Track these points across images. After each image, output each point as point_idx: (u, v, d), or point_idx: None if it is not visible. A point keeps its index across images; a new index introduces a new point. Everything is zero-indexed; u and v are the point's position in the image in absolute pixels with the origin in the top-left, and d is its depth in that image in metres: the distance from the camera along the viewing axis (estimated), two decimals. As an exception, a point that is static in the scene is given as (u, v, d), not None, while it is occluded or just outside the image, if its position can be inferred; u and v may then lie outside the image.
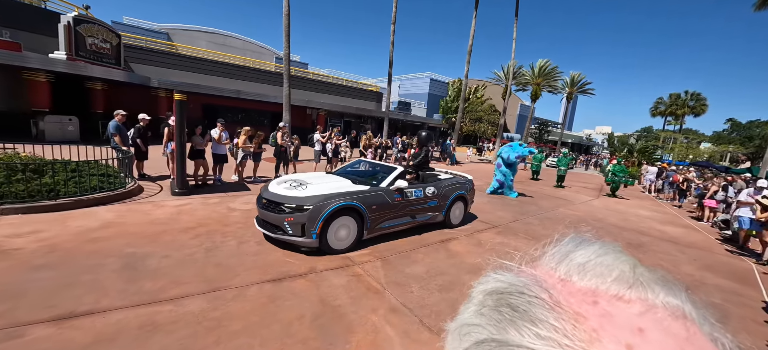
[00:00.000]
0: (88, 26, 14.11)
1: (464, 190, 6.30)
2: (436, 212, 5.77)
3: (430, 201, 5.59)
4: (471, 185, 6.58)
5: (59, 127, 12.47)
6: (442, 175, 6.62)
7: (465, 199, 6.33)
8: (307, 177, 5.21)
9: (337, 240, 4.40)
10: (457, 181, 6.28)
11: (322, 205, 4.23)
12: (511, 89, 25.71)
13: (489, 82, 35.00)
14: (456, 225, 6.21)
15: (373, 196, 4.76)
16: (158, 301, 2.99)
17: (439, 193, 5.77)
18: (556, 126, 57.33)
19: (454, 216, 6.14)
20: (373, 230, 4.81)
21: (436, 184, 5.80)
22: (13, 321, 2.55)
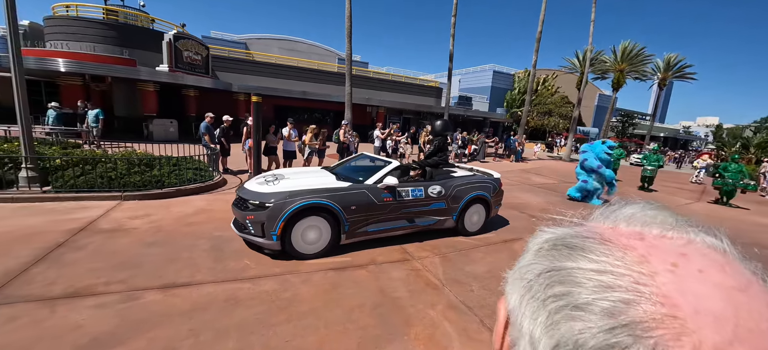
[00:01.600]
0: (184, 41, 16.38)
1: (485, 191, 5.28)
2: (444, 216, 4.93)
3: (434, 203, 4.78)
4: (497, 185, 5.53)
5: (163, 128, 14.76)
6: (458, 172, 5.68)
7: (487, 202, 5.30)
8: (293, 171, 4.92)
9: (305, 243, 3.90)
10: (475, 180, 5.28)
11: (283, 203, 3.76)
12: (588, 77, 23.14)
13: (561, 71, 31.99)
14: (473, 232, 5.24)
15: (351, 195, 4.16)
16: (240, 279, 3.37)
17: (448, 194, 4.90)
18: (645, 118, 50.10)
19: (470, 222, 5.21)
20: (354, 234, 4.20)
21: (444, 183, 4.93)
22: (133, 286, 3.11)
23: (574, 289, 0.27)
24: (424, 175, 5.23)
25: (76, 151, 7.54)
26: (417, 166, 5.35)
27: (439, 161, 5.61)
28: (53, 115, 10.91)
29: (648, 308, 0.23)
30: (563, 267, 0.29)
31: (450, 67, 17.74)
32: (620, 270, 0.26)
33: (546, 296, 0.28)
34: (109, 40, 15.98)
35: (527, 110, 21.58)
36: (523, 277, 0.32)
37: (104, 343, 2.37)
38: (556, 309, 0.27)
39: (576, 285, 0.27)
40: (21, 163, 5.62)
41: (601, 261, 0.27)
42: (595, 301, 0.25)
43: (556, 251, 0.30)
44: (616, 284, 0.25)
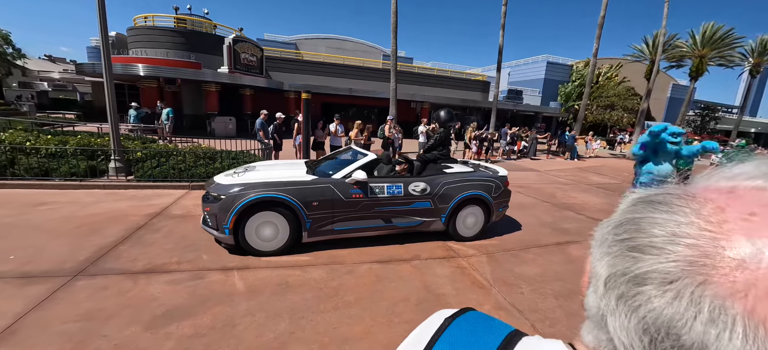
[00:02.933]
0: (242, 44, 17.61)
1: (484, 191, 4.56)
2: (431, 217, 4.39)
3: (417, 202, 4.27)
4: (500, 184, 4.75)
5: (223, 125, 16.07)
6: (457, 168, 4.98)
7: (486, 203, 4.61)
8: (269, 164, 4.65)
9: (260, 239, 3.70)
10: (471, 178, 4.61)
11: (236, 196, 3.59)
12: (659, 66, 20.65)
13: (626, 60, 28.97)
14: (469, 237, 4.62)
15: (313, 190, 3.84)
16: (290, 266, 3.56)
17: (435, 192, 4.34)
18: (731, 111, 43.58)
19: (464, 225, 4.58)
20: (317, 232, 3.91)
21: (430, 180, 4.38)
22: (199, 266, 3.43)
23: (637, 235, 0.28)
24: (411, 171, 4.74)
25: (153, 145, 8.51)
26: (403, 161, 4.83)
27: (439, 155, 5.16)
28: (134, 114, 12.41)
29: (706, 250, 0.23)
30: (634, 218, 0.30)
31: (499, 60, 16.95)
32: (690, 218, 0.26)
33: (613, 241, 0.30)
34: (179, 45, 17.74)
35: (585, 104, 19.88)
36: (601, 230, 0.34)
37: (176, 315, 2.65)
38: (618, 250, 0.29)
39: (640, 231, 0.28)
40: (110, 155, 6.49)
41: (674, 212, 0.27)
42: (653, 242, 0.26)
43: (636, 207, 0.31)
44: (681, 231, 0.25)
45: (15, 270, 3.15)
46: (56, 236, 3.95)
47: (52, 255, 3.49)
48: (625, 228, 0.30)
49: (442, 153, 5.18)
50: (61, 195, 5.55)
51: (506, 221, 5.63)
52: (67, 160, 6.28)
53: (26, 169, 6.00)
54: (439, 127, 5.39)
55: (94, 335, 2.37)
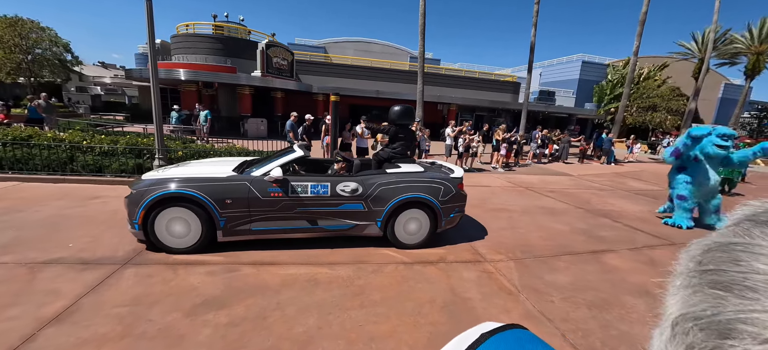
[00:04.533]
0: (274, 49, 18.29)
1: (428, 193, 4.17)
2: (364, 221, 4.08)
3: (346, 204, 3.98)
4: (451, 187, 4.33)
5: (256, 126, 16.76)
6: (407, 167, 4.52)
7: (431, 208, 4.19)
8: (206, 161, 4.64)
9: (171, 236, 3.62)
10: (412, 180, 4.20)
11: (144, 191, 3.54)
12: (709, 64, 19.10)
13: (671, 58, 27.11)
14: (411, 245, 4.23)
15: (227, 187, 3.69)
16: (319, 264, 3.66)
17: (368, 193, 4.02)
18: (794, 112, 39.40)
19: (404, 231, 4.19)
20: (233, 231, 3.75)
21: (363, 180, 4.06)
22: (235, 260, 3.61)
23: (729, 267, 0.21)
24: (350, 170, 4.41)
25: (192, 145, 9.04)
26: (341, 159, 4.52)
27: (393, 153, 4.85)
28: (175, 116, 13.25)
29: None
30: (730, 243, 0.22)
31: (530, 59, 16.43)
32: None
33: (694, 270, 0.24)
34: (217, 51, 18.72)
35: (624, 104, 18.78)
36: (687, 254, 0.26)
37: (213, 304, 2.81)
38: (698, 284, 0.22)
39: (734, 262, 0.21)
40: (155, 154, 6.97)
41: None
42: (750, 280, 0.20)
43: (739, 227, 0.24)
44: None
45: (73, 257, 3.48)
46: (108, 227, 4.31)
47: (105, 244, 3.81)
48: (713, 255, 0.23)
49: (396, 151, 4.89)
50: (111, 190, 6.05)
51: (535, 226, 5.45)
52: (117, 158, 6.83)
53: (83, 165, 6.60)
54: (389, 125, 5.07)
55: (141, 319, 2.58)
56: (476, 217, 5.74)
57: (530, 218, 5.95)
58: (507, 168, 11.64)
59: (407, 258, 3.97)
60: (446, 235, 4.68)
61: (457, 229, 4.93)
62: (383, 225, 4.13)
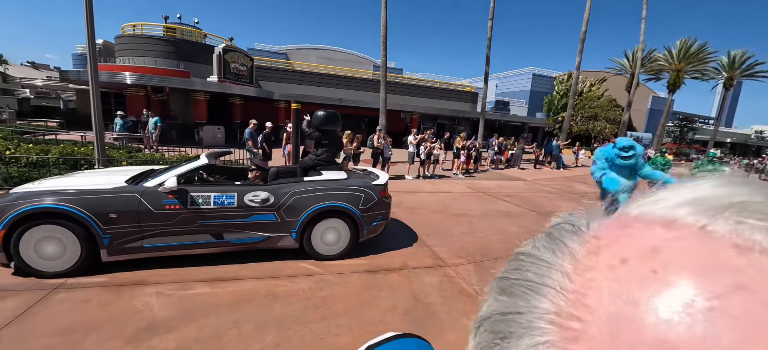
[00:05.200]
0: (232, 54, 17.59)
1: (348, 202, 4.03)
2: (277, 233, 3.83)
3: (256, 215, 3.71)
4: (372, 195, 4.20)
5: (212, 134, 15.92)
6: (327, 174, 4.38)
7: (351, 216, 4.05)
8: (102, 170, 4.33)
9: (41, 258, 3.15)
10: (329, 188, 4.06)
11: (5, 207, 3.06)
12: (639, 79, 21.45)
13: (609, 73, 30.05)
14: (331, 256, 4.04)
15: (111, 200, 3.27)
16: (278, 277, 3.54)
17: (281, 203, 3.79)
18: (708, 122, 45.39)
19: (322, 242, 3.99)
20: (120, 249, 3.34)
21: (275, 189, 3.84)
22: (185, 277, 3.38)
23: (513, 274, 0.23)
24: (265, 178, 4.22)
25: (139, 154, 8.38)
26: (255, 167, 4.29)
27: (318, 160, 4.72)
28: (120, 122, 12.20)
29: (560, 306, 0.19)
30: (521, 252, 0.25)
31: (486, 71, 17.35)
32: (562, 260, 0.22)
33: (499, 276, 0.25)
34: (168, 54, 17.61)
35: (570, 114, 20.46)
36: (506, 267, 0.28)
37: (160, 328, 2.60)
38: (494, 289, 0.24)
39: (518, 270, 0.23)
40: (94, 164, 6.36)
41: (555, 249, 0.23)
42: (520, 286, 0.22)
43: (537, 238, 0.26)
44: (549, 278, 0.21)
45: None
46: (35, 248, 3.84)
47: (31, 267, 3.39)
48: (509, 262, 0.25)
49: (321, 158, 4.75)
50: (41, 205, 5.40)
51: (493, 229, 5.72)
52: (48, 169, 6.13)
53: (5, 178, 5.84)
54: (314, 130, 4.91)
55: (73, 349, 2.32)
56: (438, 222, 5.90)
57: (489, 222, 6.23)
58: (467, 174, 12.12)
59: (371, 266, 3.97)
60: (408, 241, 4.75)
61: (419, 235, 5.04)
62: (299, 237, 3.90)
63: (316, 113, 4.95)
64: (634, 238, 0.20)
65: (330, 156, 4.85)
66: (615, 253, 0.20)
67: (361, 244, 4.31)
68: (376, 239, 4.60)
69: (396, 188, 8.59)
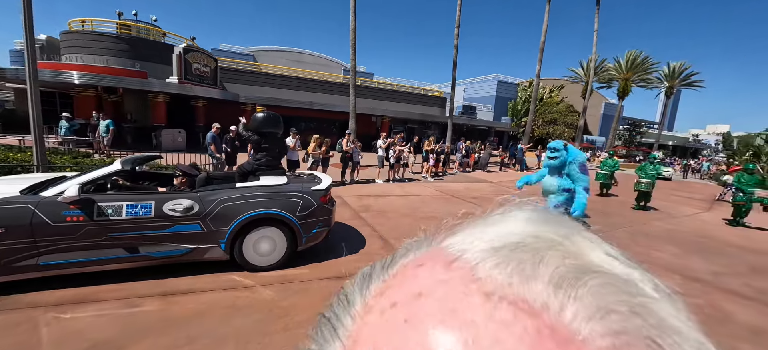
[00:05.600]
0: (194, 54, 16.80)
1: (284, 208, 3.77)
2: (203, 244, 3.51)
3: (177, 225, 3.39)
4: (311, 200, 3.96)
5: (172, 138, 15.07)
6: (266, 180, 4.13)
7: (287, 224, 3.81)
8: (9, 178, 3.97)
9: None
10: (267, 194, 3.80)
11: None
12: (593, 86, 23.06)
13: (566, 81, 32.01)
14: (267, 266, 3.77)
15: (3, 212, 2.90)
16: (238, 288, 3.41)
17: (208, 211, 3.48)
18: (653, 126, 49.61)
19: (255, 252, 3.72)
20: (10, 268, 2.95)
21: (201, 197, 3.52)
22: (134, 293, 3.16)
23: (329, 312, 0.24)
24: (192, 185, 3.85)
25: (86, 160, 7.75)
26: (181, 173, 3.98)
27: (257, 165, 4.51)
28: (65, 125, 11.23)
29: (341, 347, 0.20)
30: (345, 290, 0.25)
31: (453, 76, 17.87)
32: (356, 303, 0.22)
33: None
34: (121, 53, 16.48)
35: (531, 119, 21.56)
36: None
37: (104, 349, 2.42)
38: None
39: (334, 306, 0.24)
40: (32, 171, 5.80)
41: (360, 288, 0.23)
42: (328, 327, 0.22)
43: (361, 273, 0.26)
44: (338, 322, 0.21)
45: None
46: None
47: (-49, 289, 3.02)
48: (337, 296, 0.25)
49: (260, 162, 4.51)
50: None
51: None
52: (-24, 178, 5.50)
53: None
54: (252, 133, 4.70)
55: (0, 379, 2.09)
56: (407, 226, 5.97)
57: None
58: (436, 177, 12.37)
59: (336, 273, 3.94)
60: (377, 246, 4.76)
61: (387, 239, 5.07)
62: (228, 247, 3.61)
63: (254, 115, 4.72)
64: (412, 279, 0.20)
65: (270, 161, 4.61)
66: (391, 296, 0.20)
67: (328, 249, 4.27)
68: (341, 244, 4.58)
69: (366, 192, 8.59)
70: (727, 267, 5.19)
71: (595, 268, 0.19)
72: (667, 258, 5.41)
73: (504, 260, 0.18)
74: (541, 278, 0.17)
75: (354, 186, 9.32)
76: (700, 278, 4.64)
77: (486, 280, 0.18)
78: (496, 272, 0.18)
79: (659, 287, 0.20)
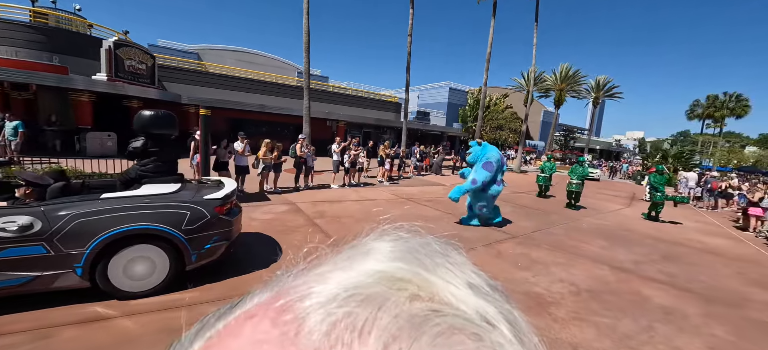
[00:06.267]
0: (127, 49, 15.21)
1: (163, 223, 3.21)
2: (51, 270, 2.84)
3: (11, 249, 2.71)
4: (202, 212, 3.43)
5: (99, 142, 13.43)
6: (149, 188, 3.50)
7: (171, 241, 3.26)
8: None
9: None
10: (142, 206, 3.18)
11: None
12: (533, 95, 25.13)
13: (511, 90, 34.43)
14: (142, 292, 3.16)
15: None
16: (173, 308, 3.10)
17: (55, 230, 2.83)
18: (583, 132, 55.26)
19: (126, 276, 3.10)
20: None
21: (44, 212, 2.86)
22: (48, 322, 2.73)
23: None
24: (43, 196, 3.16)
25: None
26: (24, 182, 3.26)
27: (142, 172, 3.89)
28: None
29: None
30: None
31: (407, 80, 18.30)
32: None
33: None
34: (35, 44, 14.39)
35: (480, 125, 22.84)
36: None
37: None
38: None
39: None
40: None
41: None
42: None
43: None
44: None
45: None
46: None
47: None
48: None
49: (146, 169, 3.92)
50: None
51: (414, 235, 5.96)
52: None
53: None
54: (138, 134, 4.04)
55: None
56: (362, 231, 5.92)
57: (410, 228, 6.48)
58: (391, 181, 12.52)
59: (233, 291, 3.76)
60: (331, 253, 4.66)
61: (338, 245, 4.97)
62: (87, 272, 2.94)
63: (140, 113, 4.04)
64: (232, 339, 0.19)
65: (160, 166, 4.00)
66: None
67: (240, 263, 4.04)
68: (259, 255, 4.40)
69: (321, 198, 8.40)
70: (645, 256, 5.92)
71: (440, 309, 0.17)
72: (596, 250, 6.01)
73: (336, 312, 0.17)
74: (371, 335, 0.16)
75: (308, 192, 9.07)
76: (625, 267, 5.23)
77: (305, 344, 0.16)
78: (322, 328, 0.16)
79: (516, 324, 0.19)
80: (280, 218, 6.31)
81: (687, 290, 4.53)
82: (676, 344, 3.21)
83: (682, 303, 4.07)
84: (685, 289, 4.55)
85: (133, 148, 3.95)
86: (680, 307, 3.97)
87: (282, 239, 5.13)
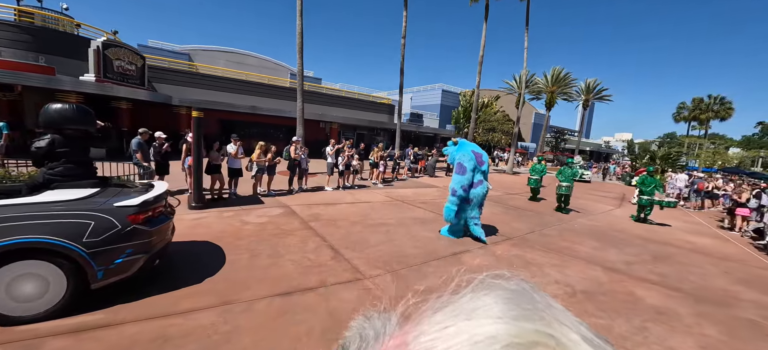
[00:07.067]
0: (116, 50, 14.94)
1: (60, 235, 2.76)
2: None
3: None
4: (111, 221, 2.98)
5: (87, 145, 13.14)
6: (59, 193, 3.04)
7: (70, 256, 2.80)
8: None
9: None
10: (31, 215, 2.72)
11: None
12: (525, 98, 25.40)
13: (502, 92, 34.76)
14: (31, 317, 2.72)
15: None
16: (170, 314, 3.04)
17: None
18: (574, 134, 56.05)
19: (8, 296, 2.65)
20: None
21: None
22: (34, 333, 2.64)
23: None
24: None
25: (-32, 172, 6.37)
26: None
27: (51, 175, 3.32)
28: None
29: None
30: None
31: (401, 84, 18.33)
32: None
33: None
34: (21, 44, 14.04)
35: (473, 127, 22.98)
36: None
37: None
38: None
39: None
40: None
41: None
42: None
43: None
44: None
45: None
46: None
47: None
48: None
49: (55, 172, 3.36)
50: None
51: (409, 236, 5.96)
52: None
53: None
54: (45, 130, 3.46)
55: None
56: (357, 234, 5.90)
57: (405, 229, 6.48)
58: (386, 183, 12.50)
59: (285, 288, 3.72)
60: (327, 256, 4.62)
61: (338, 249, 4.95)
62: None
63: (47, 106, 3.46)
64: None
65: (71, 168, 3.44)
66: None
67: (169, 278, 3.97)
68: (195, 268, 4.34)
69: (316, 200, 8.34)
70: (636, 257, 6.01)
71: None
72: (589, 251, 6.08)
73: None
74: None
75: (303, 195, 9.00)
76: (617, 268, 5.29)
77: None
78: None
79: None
80: (274, 221, 6.24)
81: (678, 290, 4.61)
82: (670, 344, 3.25)
83: (674, 303, 4.14)
84: (675, 289, 4.62)
85: (35, 147, 3.32)
86: (672, 307, 4.03)
87: (277, 242, 5.08)
